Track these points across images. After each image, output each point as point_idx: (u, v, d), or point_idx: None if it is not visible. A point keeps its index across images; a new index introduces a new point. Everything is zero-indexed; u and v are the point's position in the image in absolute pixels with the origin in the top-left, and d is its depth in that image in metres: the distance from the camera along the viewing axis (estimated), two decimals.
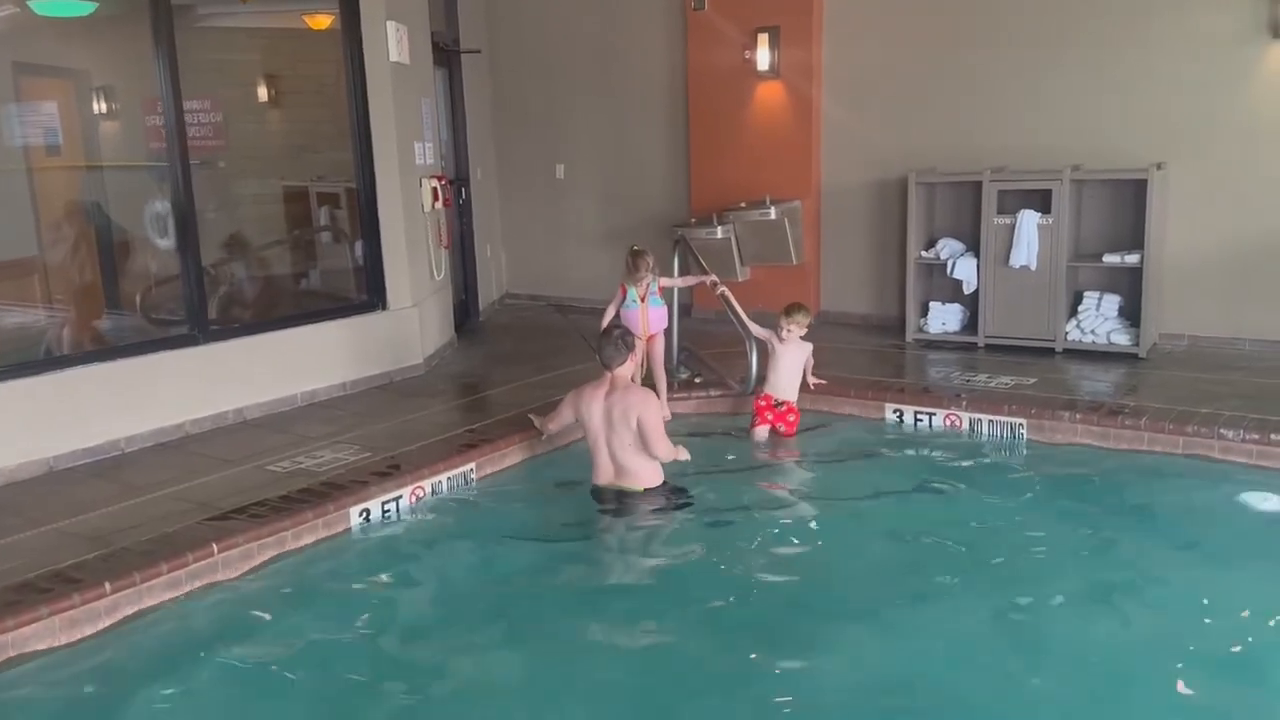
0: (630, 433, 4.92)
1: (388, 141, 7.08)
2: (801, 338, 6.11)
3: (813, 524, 5.14)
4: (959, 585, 4.30)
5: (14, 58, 7.28)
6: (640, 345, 6.07)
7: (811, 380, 6.27)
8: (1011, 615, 4.06)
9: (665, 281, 6.36)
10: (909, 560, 4.59)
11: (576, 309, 9.83)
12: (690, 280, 6.54)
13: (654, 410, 4.98)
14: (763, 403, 6.04)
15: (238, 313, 7.16)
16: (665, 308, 6.36)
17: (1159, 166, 7.02)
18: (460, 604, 4.38)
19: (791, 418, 6.04)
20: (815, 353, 6.26)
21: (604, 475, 5.09)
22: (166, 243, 6.45)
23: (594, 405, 5.05)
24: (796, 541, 4.91)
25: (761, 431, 6.03)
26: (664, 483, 5.10)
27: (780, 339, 6.04)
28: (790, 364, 6.07)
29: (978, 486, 5.34)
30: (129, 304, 7.13)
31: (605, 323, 6.16)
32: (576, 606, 4.27)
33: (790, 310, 6.09)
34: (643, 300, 6.17)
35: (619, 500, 5.04)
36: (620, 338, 5.05)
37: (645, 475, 5.03)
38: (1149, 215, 6.88)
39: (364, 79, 6.94)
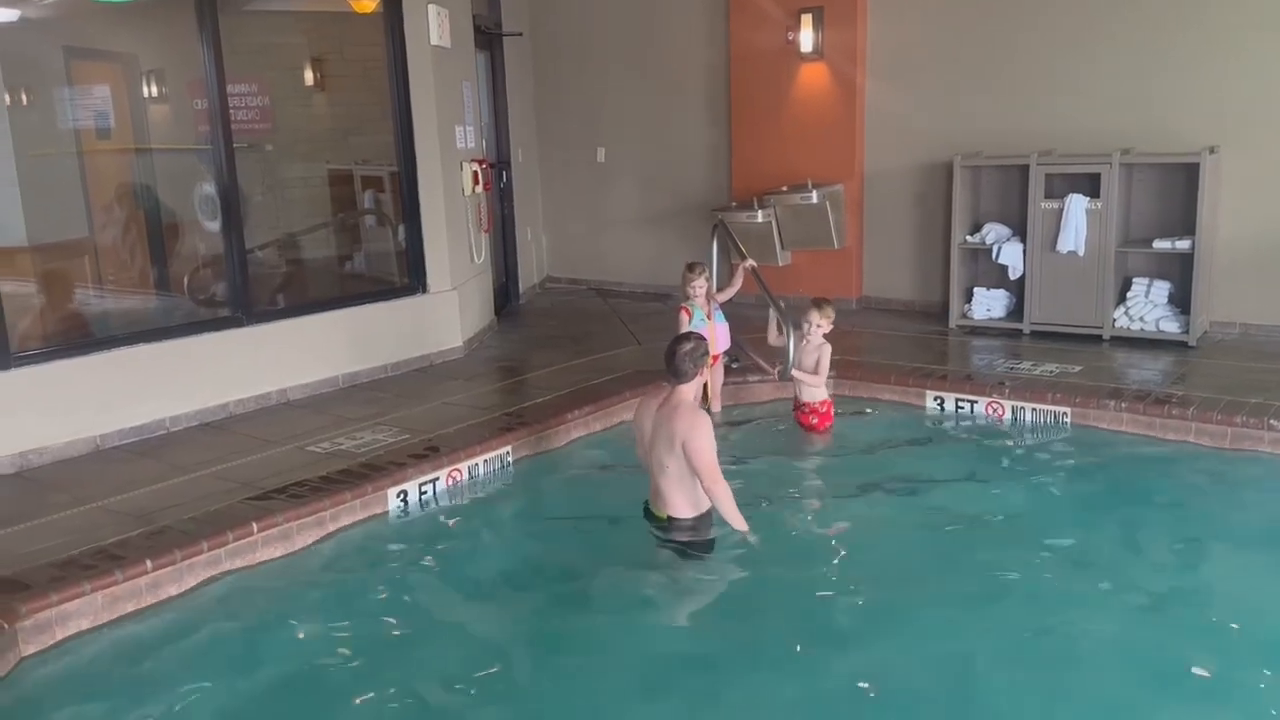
0: (673, 457, 4.35)
1: (428, 125, 7.10)
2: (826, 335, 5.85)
3: (849, 513, 5.05)
4: (998, 578, 4.23)
5: (65, 42, 7.41)
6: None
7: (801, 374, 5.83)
8: (1051, 607, 4.01)
9: (722, 296, 6.25)
10: (947, 551, 4.53)
11: (616, 293, 9.85)
12: (739, 279, 6.36)
13: (702, 438, 4.32)
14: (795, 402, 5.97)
15: (281, 295, 7.23)
16: (727, 324, 6.19)
17: (1212, 150, 6.84)
18: (493, 588, 4.39)
19: (814, 419, 5.87)
20: (857, 337, 6.15)
21: (650, 492, 4.62)
22: (214, 225, 6.52)
23: (645, 415, 4.58)
24: (832, 531, 4.86)
25: (798, 425, 5.96)
26: (698, 518, 4.48)
27: (807, 338, 5.82)
28: (806, 366, 5.82)
29: (1019, 476, 5.26)
30: (176, 285, 7.24)
31: None
32: (610, 593, 4.25)
33: (820, 304, 5.87)
34: (710, 318, 6.03)
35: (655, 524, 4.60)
36: (694, 351, 4.44)
37: (677, 503, 4.46)
38: (1201, 200, 6.72)
39: (405, 62, 6.96)
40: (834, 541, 4.75)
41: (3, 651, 3.58)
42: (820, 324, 5.82)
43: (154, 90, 7.82)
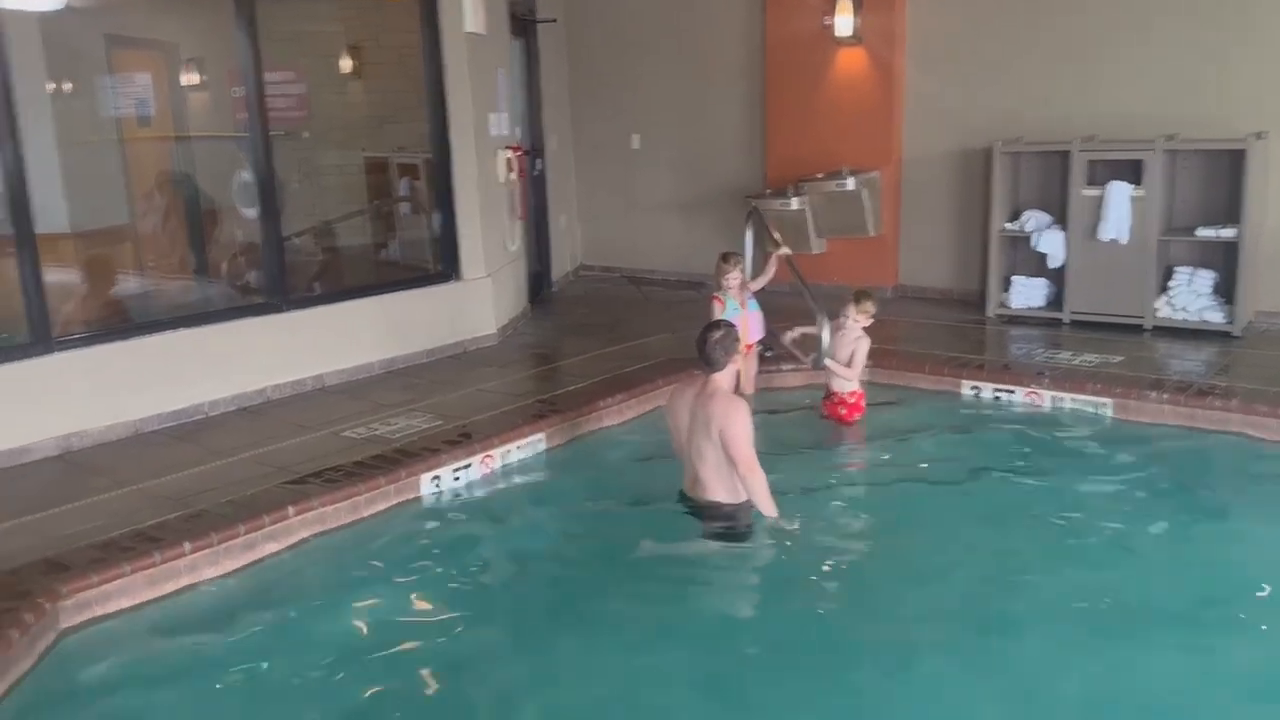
0: (710, 445, 4.37)
1: (463, 112, 7.10)
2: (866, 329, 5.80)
3: (883, 504, 5.02)
4: (1037, 572, 4.18)
5: (107, 30, 7.50)
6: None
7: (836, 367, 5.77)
8: (1093, 602, 3.94)
9: (755, 285, 6.22)
10: (983, 543, 4.47)
11: (650, 281, 9.82)
12: (773, 268, 6.31)
13: (740, 425, 4.32)
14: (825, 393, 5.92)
15: (318, 282, 7.28)
16: (762, 313, 6.17)
17: (1259, 136, 6.69)
18: (527, 573, 4.40)
19: (843, 410, 5.81)
20: (893, 327, 6.08)
21: (686, 480, 4.62)
22: (252, 212, 6.57)
23: (681, 403, 4.57)
24: (865, 522, 4.84)
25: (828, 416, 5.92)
26: (736, 506, 4.48)
27: (843, 329, 5.76)
28: (841, 357, 5.77)
29: (1057, 468, 5.18)
30: (214, 271, 7.32)
31: None
32: (645, 579, 4.25)
33: (860, 297, 5.80)
34: (743, 307, 6.01)
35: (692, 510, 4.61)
36: (724, 339, 4.43)
37: (715, 490, 4.48)
38: (1246, 187, 6.57)
39: (440, 49, 6.96)
40: (869, 531, 4.73)
41: (44, 631, 3.64)
42: (857, 318, 5.76)
43: (193, 78, 7.91)
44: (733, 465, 4.36)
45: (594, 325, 7.99)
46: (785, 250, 6.22)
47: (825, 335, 5.68)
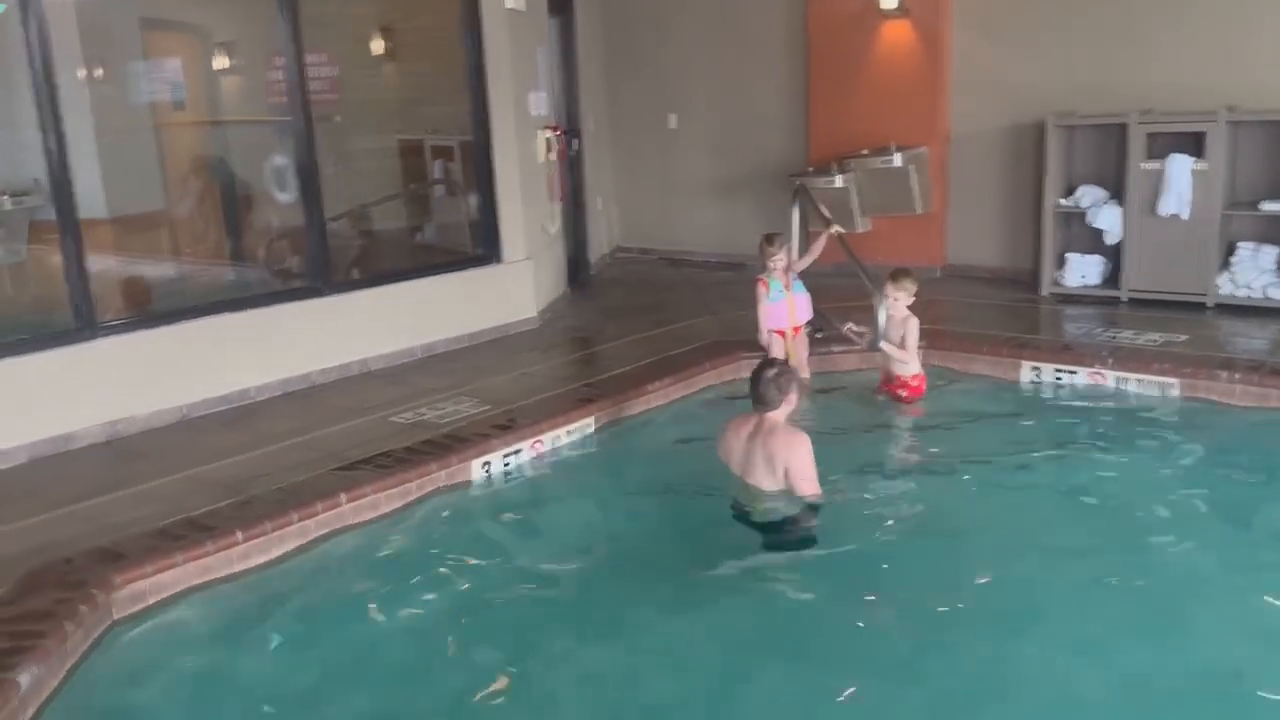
0: (774, 479, 4.24)
1: (503, 92, 6.98)
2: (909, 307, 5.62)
3: (942, 488, 4.82)
4: (1104, 557, 4.04)
5: (144, 14, 7.43)
6: (781, 344, 5.80)
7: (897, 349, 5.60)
8: (1162, 590, 3.82)
9: (799, 265, 6.08)
10: (1049, 530, 4.32)
11: (688, 263, 9.68)
12: (819, 247, 6.18)
13: (805, 456, 4.21)
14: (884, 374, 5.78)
15: (359, 266, 7.19)
16: (808, 294, 6.03)
17: None
18: (580, 559, 4.30)
19: (903, 393, 5.66)
20: (942, 307, 5.92)
21: (741, 497, 4.43)
22: (293, 196, 6.48)
23: (734, 446, 4.39)
24: (923, 506, 4.66)
25: (883, 397, 5.77)
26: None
27: (889, 312, 5.55)
28: (893, 340, 5.58)
29: (1126, 451, 5.01)
30: (255, 256, 7.26)
31: (762, 331, 5.89)
32: (698, 564, 4.12)
33: (898, 276, 5.62)
34: (788, 289, 5.89)
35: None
36: (778, 377, 4.27)
37: (778, 508, 4.33)
38: None
39: (479, 27, 6.83)
40: (922, 517, 4.55)
41: (99, 620, 3.57)
42: (897, 296, 5.57)
43: (231, 62, 7.82)
44: (794, 490, 4.23)
45: (634, 308, 7.87)
46: (837, 228, 6.06)
47: (881, 317, 5.51)
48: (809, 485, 4.22)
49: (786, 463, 4.19)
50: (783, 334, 6.02)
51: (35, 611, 3.44)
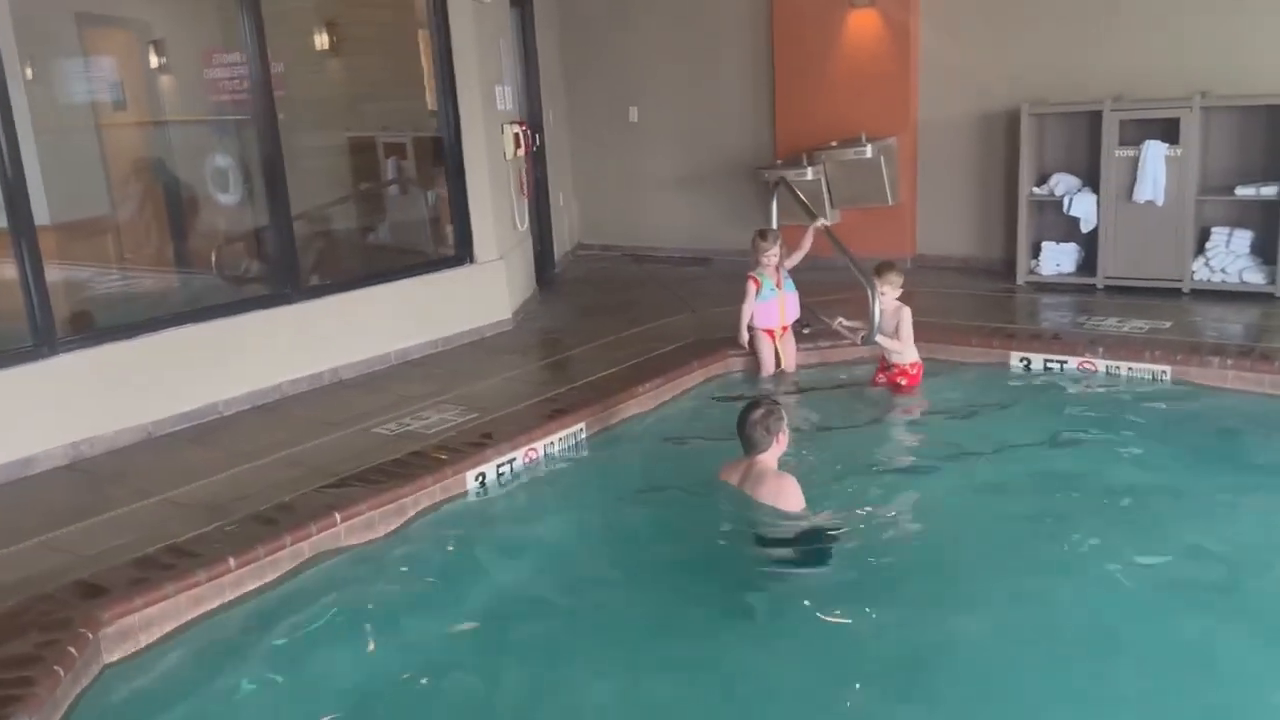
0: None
1: (471, 85, 6.74)
2: (897, 299, 5.59)
3: (936, 481, 4.73)
4: (1103, 548, 3.98)
5: (78, 9, 7.03)
6: (770, 343, 5.71)
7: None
8: (1164, 580, 3.79)
9: (789, 261, 6.00)
10: (1045, 522, 4.24)
11: (653, 259, 9.52)
12: (809, 241, 6.09)
13: (791, 501, 4.07)
14: (880, 364, 5.70)
15: (328, 271, 6.88)
16: (797, 291, 5.96)
17: None
18: (584, 568, 4.15)
19: (903, 381, 5.61)
20: (920, 297, 5.85)
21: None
22: (237, 198, 6.18)
23: (730, 481, 4.25)
24: (918, 500, 4.59)
25: (878, 389, 5.69)
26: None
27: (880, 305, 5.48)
28: (886, 330, 5.55)
29: (1122, 439, 4.99)
30: (219, 264, 6.90)
31: (742, 331, 5.79)
32: (690, 569, 4.00)
33: (882, 270, 5.58)
34: (779, 287, 5.78)
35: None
36: (765, 418, 4.07)
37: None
38: None
39: (447, 18, 6.58)
40: (918, 512, 4.48)
41: (87, 662, 3.30)
42: (884, 290, 5.54)
43: (181, 58, 7.45)
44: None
45: (608, 306, 7.69)
46: (822, 221, 5.96)
47: (876, 309, 5.43)
48: (801, 528, 4.05)
49: (775, 510, 4.04)
50: (772, 333, 5.91)
51: (21, 656, 3.16)
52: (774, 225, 6.50)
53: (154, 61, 7.56)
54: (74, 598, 3.51)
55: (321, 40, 7.98)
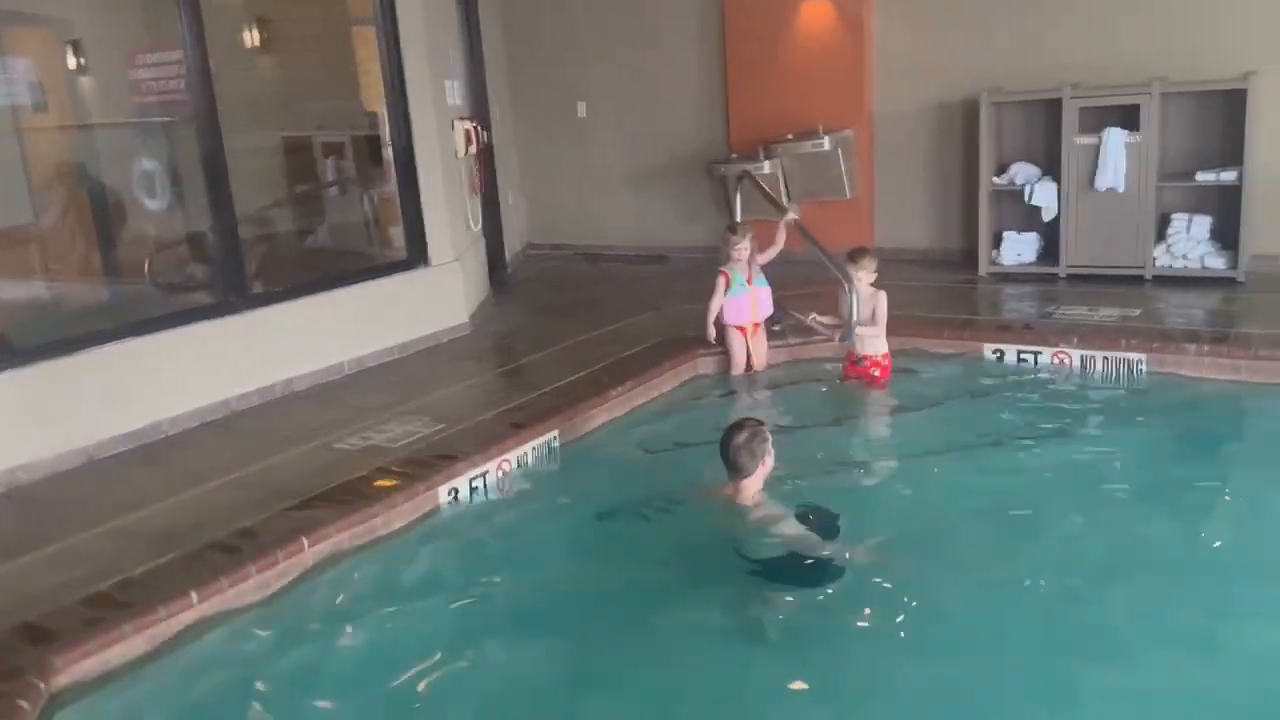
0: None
1: (421, 80, 6.45)
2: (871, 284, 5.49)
3: (912, 476, 4.66)
4: (1087, 535, 3.96)
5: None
6: (742, 340, 5.59)
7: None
8: (1150, 566, 3.74)
9: (763, 257, 5.86)
10: (1024, 514, 4.18)
11: (606, 257, 9.32)
12: (782, 236, 5.95)
13: (775, 529, 3.91)
14: (849, 358, 5.58)
15: (275, 277, 6.52)
16: (769, 287, 5.82)
17: (1246, 76, 6.54)
18: (566, 580, 3.97)
19: (876, 372, 5.51)
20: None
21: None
22: (164, 203, 5.84)
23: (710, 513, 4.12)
24: (894, 496, 4.52)
25: (850, 384, 5.57)
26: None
27: (856, 292, 5.38)
28: (863, 317, 5.44)
29: (1100, 429, 5.01)
30: (155, 272, 6.52)
31: (709, 326, 5.62)
32: (670, 587, 3.83)
33: (856, 255, 5.47)
34: (750, 282, 5.63)
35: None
36: (750, 441, 3.87)
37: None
38: (1249, 128, 6.42)
39: (394, 10, 6.28)
40: (893, 508, 4.41)
41: (43, 716, 3.00)
42: (859, 276, 5.42)
43: (110, 57, 7.04)
44: None
45: (567, 307, 7.47)
46: (793, 215, 5.82)
47: (853, 302, 5.31)
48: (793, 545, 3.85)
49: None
50: (744, 330, 5.76)
51: None
52: (738, 220, 6.35)
53: (75, 62, 7.14)
54: (21, 643, 3.20)
55: (252, 37, 7.63)
